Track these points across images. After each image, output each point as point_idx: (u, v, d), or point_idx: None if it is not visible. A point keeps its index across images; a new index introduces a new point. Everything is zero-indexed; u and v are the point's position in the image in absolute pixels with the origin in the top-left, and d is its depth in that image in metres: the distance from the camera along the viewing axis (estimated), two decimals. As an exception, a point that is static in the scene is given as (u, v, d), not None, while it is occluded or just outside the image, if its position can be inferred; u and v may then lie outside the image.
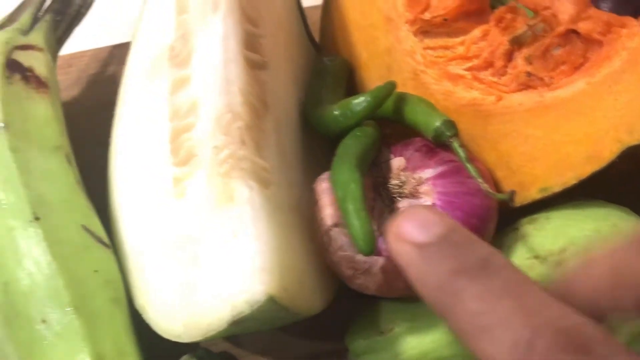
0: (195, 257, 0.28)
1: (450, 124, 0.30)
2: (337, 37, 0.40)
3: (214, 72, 0.28)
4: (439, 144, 0.31)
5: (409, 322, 0.31)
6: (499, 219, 0.31)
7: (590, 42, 0.31)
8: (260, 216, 0.25)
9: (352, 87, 0.38)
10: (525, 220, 0.31)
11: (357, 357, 0.32)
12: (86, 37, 0.45)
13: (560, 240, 0.29)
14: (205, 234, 0.27)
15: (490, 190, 0.28)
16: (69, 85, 0.46)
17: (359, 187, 0.27)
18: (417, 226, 0.18)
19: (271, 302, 0.24)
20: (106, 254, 0.33)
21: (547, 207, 0.31)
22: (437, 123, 0.30)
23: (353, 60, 0.39)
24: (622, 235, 0.19)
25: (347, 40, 0.39)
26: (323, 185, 0.30)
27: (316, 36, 0.42)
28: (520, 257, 0.30)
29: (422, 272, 0.18)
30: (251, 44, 0.29)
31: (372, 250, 0.25)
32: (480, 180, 0.28)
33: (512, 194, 0.28)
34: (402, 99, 0.32)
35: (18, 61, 0.38)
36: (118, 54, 0.47)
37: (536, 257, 0.29)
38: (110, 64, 0.47)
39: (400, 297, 0.31)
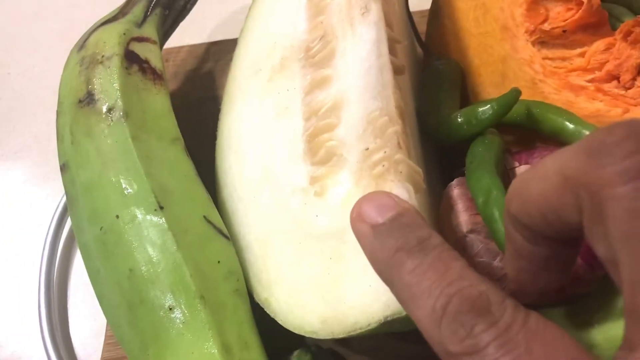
0: (340, 254, 0.28)
1: None
2: (447, 43, 0.40)
3: (365, 75, 0.29)
4: None
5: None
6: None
7: None
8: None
9: (462, 92, 0.38)
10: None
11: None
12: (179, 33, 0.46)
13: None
14: (350, 233, 0.27)
15: None
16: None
17: (502, 192, 0.27)
18: (373, 208, 0.22)
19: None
20: (227, 246, 0.34)
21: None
22: (588, 132, 0.30)
23: (463, 66, 0.39)
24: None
25: (457, 47, 0.39)
26: (456, 192, 0.30)
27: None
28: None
29: (373, 248, 0.21)
30: (392, 48, 0.30)
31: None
32: None
33: None
34: (538, 106, 0.32)
35: (135, 52, 0.38)
36: (214, 50, 0.48)
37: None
38: (206, 61, 0.48)
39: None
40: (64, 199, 0.42)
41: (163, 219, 0.32)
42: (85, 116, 0.36)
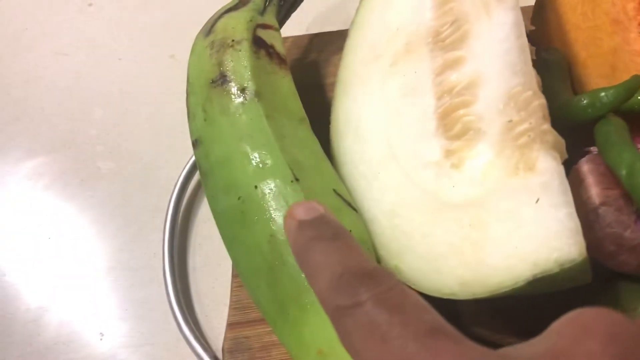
0: (480, 220, 0.30)
1: None
2: (551, 36, 0.42)
3: (505, 55, 0.31)
4: None
5: (653, 302, 0.32)
6: None
7: None
8: (566, 186, 0.28)
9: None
10: None
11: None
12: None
13: None
14: (494, 199, 0.30)
15: None
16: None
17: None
18: (303, 209, 0.25)
19: (584, 262, 0.26)
20: (356, 217, 0.36)
21: None
22: None
23: (569, 58, 0.41)
24: None
25: (562, 40, 0.41)
26: (586, 167, 0.32)
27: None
28: None
29: (295, 238, 0.25)
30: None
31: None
32: None
33: None
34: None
35: (262, 38, 0.41)
36: (316, 42, 0.51)
37: None
38: (310, 51, 0.50)
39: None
40: (184, 172, 0.45)
41: (300, 189, 0.35)
42: (218, 95, 0.38)
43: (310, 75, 0.49)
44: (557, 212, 0.27)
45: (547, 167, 0.28)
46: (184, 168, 0.45)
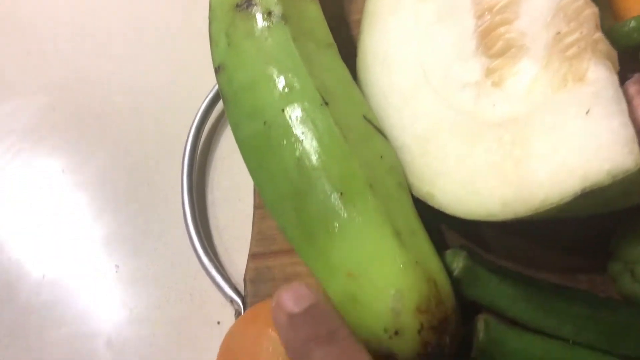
0: (524, 137, 0.28)
1: None
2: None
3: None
4: None
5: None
6: None
7: None
8: (620, 96, 0.26)
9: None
10: None
11: (635, 263, 0.32)
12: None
13: None
14: (539, 114, 0.28)
15: None
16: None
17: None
18: (290, 298, 0.24)
19: (638, 174, 0.24)
20: (386, 143, 0.34)
21: None
22: None
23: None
24: None
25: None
26: (634, 89, 0.30)
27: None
28: None
29: (288, 337, 0.24)
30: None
31: None
32: None
33: None
34: None
35: (287, -37, 0.39)
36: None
37: None
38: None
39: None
40: (203, 106, 0.44)
41: (329, 113, 0.33)
42: (243, 19, 0.37)
43: (336, 13, 0.47)
44: (610, 121, 0.26)
45: (599, 76, 0.27)
46: (202, 102, 0.44)
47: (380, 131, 0.35)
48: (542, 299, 0.32)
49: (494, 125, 0.30)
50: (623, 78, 0.32)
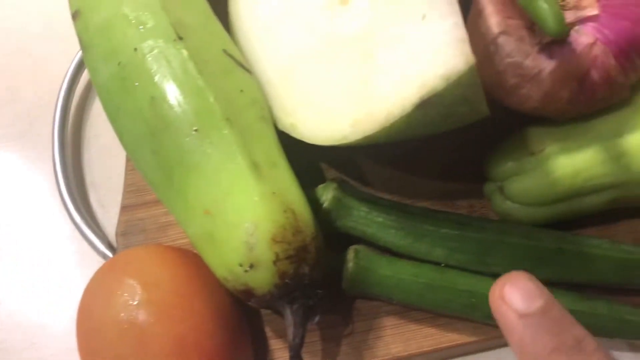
0: (369, 52, 0.27)
1: None
2: None
3: None
4: None
5: (561, 142, 0.31)
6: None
7: None
8: (451, -3, 0.25)
9: None
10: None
11: (503, 181, 0.32)
12: None
13: None
14: (381, 28, 0.27)
15: None
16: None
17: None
18: (520, 296, 0.21)
19: (471, 72, 0.23)
20: (248, 77, 0.33)
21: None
22: None
23: None
24: None
25: None
26: (485, -3, 0.29)
27: None
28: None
29: (522, 340, 0.21)
30: None
31: (565, 29, 0.24)
32: None
33: None
34: None
35: None
36: None
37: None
38: None
39: (553, 119, 0.31)
40: (74, 63, 0.41)
41: (183, 48, 0.31)
42: (96, -40, 0.34)
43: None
44: (443, 23, 0.25)
45: (431, -20, 0.26)
46: (74, 58, 0.41)
47: (242, 65, 0.33)
48: (412, 225, 0.31)
49: (345, 45, 0.29)
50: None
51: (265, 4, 0.34)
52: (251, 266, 0.27)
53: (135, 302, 0.28)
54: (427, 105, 0.25)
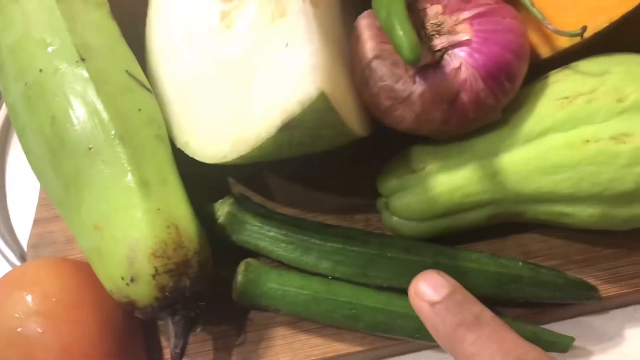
0: (248, 77, 0.29)
1: None
2: None
3: None
4: None
5: (440, 161, 0.32)
6: (531, 73, 0.32)
7: None
8: (312, 25, 0.26)
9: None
10: (555, 71, 0.33)
11: (388, 197, 0.33)
12: None
13: (589, 82, 0.31)
14: (257, 53, 0.29)
15: (559, 29, 0.29)
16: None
17: (401, 4, 0.28)
18: (429, 288, 0.25)
19: (322, 98, 0.25)
20: (149, 97, 0.34)
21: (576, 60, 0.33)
22: None
23: None
24: None
25: None
26: (364, 22, 0.31)
27: None
28: (549, 98, 0.31)
29: (434, 324, 0.25)
30: None
31: (418, 57, 0.26)
32: (547, 21, 0.30)
33: (584, 29, 0.29)
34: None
35: None
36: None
37: (565, 97, 0.31)
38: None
39: (432, 138, 0.32)
40: None
41: (84, 70, 0.33)
42: (9, -16, 0.36)
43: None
44: (301, 51, 0.26)
45: (297, 9, 0.27)
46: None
47: (143, 85, 0.34)
48: (300, 239, 0.33)
49: (229, 69, 0.30)
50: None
51: (171, 28, 0.36)
52: (132, 280, 0.29)
53: (24, 314, 0.29)
54: (290, 129, 0.27)
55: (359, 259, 0.32)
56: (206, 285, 0.30)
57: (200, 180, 0.33)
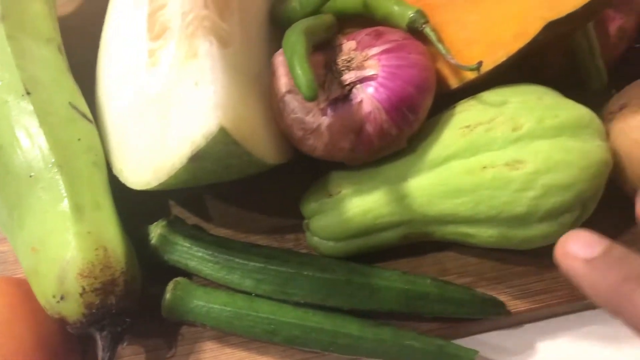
0: (166, 111, 0.31)
1: (422, 13, 0.34)
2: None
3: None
4: (412, 31, 0.34)
5: (354, 186, 0.34)
6: (440, 104, 0.35)
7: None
8: (218, 65, 0.29)
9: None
10: (462, 101, 0.35)
11: (309, 219, 0.36)
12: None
13: (489, 111, 0.33)
14: (174, 89, 0.31)
15: (460, 63, 0.32)
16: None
17: (303, 46, 0.30)
18: (582, 245, 0.23)
19: (223, 133, 0.27)
20: (89, 127, 0.37)
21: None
22: (411, 13, 0.34)
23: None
24: None
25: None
26: (279, 59, 0.33)
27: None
28: (454, 127, 0.33)
29: (593, 281, 0.22)
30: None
31: (315, 94, 0.28)
32: (450, 55, 0.32)
33: (480, 64, 0.32)
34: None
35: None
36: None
37: (467, 126, 0.33)
38: None
39: (348, 165, 0.35)
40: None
41: (30, 103, 0.36)
42: (-38, 20, 0.39)
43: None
44: (206, 90, 0.29)
45: (204, 51, 0.30)
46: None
47: (85, 116, 0.37)
48: (226, 258, 0.35)
49: (153, 103, 0.33)
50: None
51: (113, 64, 0.38)
52: (62, 297, 0.31)
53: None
54: (199, 159, 0.29)
55: (279, 277, 0.34)
56: (133, 303, 0.33)
57: (142, 203, 0.36)
